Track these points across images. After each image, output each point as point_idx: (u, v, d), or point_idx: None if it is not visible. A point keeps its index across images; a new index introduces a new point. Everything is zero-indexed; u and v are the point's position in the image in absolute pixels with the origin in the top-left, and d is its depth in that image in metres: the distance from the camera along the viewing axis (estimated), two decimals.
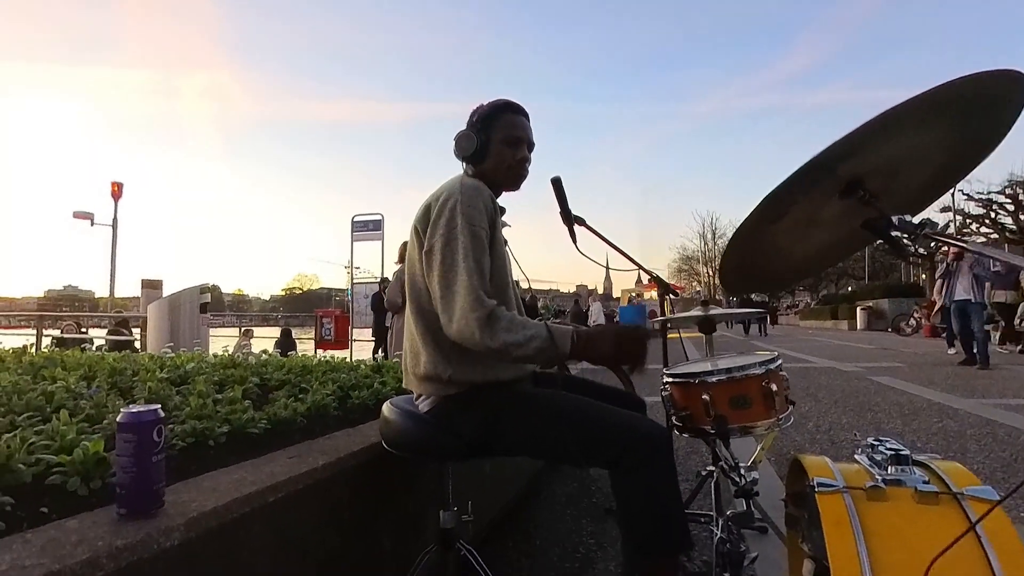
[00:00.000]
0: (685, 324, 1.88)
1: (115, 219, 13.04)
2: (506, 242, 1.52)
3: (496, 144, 1.43)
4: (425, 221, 1.31)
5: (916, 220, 0.79)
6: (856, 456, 1.12)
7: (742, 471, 1.36)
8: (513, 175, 1.47)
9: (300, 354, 8.80)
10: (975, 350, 7.62)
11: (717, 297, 59.25)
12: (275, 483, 1.15)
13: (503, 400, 1.29)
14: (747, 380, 1.29)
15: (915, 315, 16.44)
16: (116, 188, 12.86)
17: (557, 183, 1.63)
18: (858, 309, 22.21)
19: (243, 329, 11.32)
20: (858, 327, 21.87)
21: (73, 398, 1.65)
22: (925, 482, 0.96)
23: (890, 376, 6.85)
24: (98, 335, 11.38)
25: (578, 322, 12.89)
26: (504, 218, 1.51)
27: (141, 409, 0.98)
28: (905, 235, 0.77)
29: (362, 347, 10.36)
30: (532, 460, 2.66)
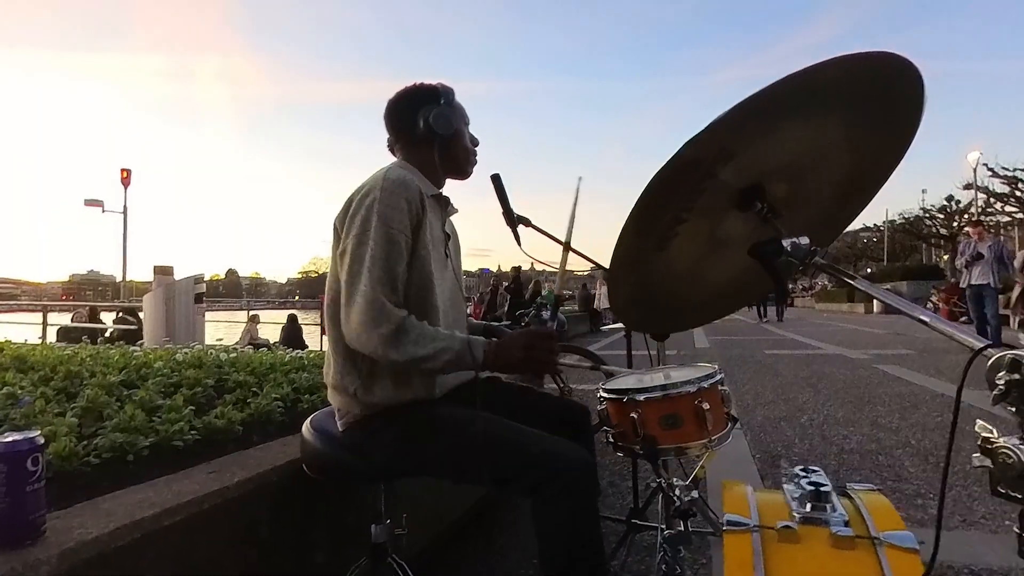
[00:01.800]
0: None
1: (125, 206, 13.17)
2: (448, 236, 1.43)
3: (459, 125, 1.36)
4: (344, 216, 1.21)
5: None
6: (784, 485, 1.05)
7: (677, 492, 1.30)
8: (471, 159, 1.42)
9: (304, 343, 8.86)
10: (988, 336, 7.43)
11: None
12: (177, 504, 1.11)
13: (414, 423, 1.22)
14: (678, 398, 1.21)
15: (932, 299, 16.06)
16: (125, 175, 12.97)
17: (496, 180, 1.54)
18: None
19: (250, 315, 11.41)
20: (874, 310, 21.42)
21: (12, 404, 1.64)
22: (845, 523, 0.89)
23: (897, 365, 6.69)
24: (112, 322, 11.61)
25: (586, 306, 12.85)
26: (457, 202, 1.43)
27: (15, 438, 0.94)
28: (795, 261, 0.69)
29: None
30: None
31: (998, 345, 0.56)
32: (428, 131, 1.30)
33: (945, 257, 29.87)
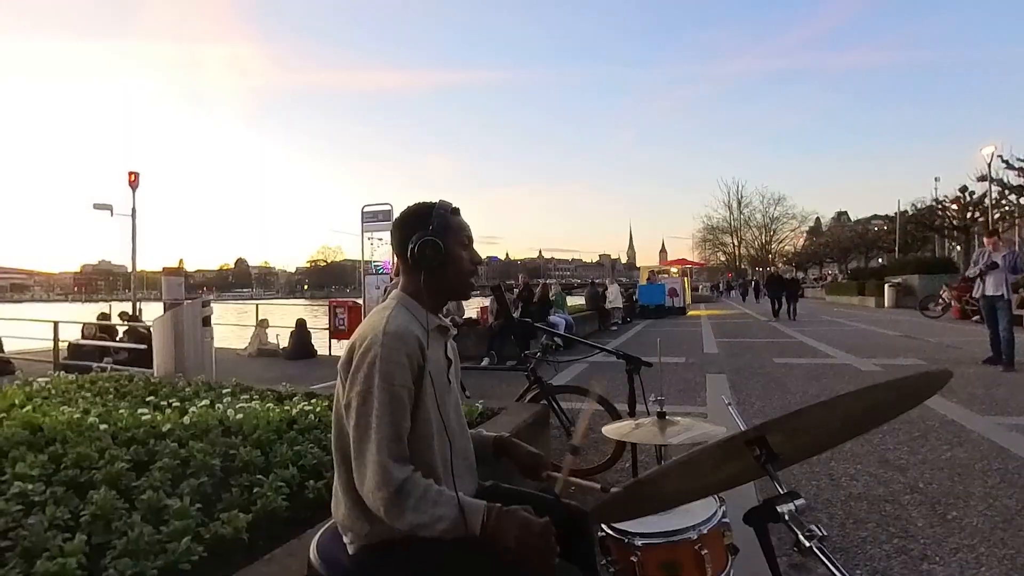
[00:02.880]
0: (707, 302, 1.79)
1: (134, 209, 13.31)
2: (451, 361, 1.43)
3: (455, 249, 1.34)
4: (347, 368, 1.24)
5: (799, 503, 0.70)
6: None
7: None
8: (469, 281, 1.40)
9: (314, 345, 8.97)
10: (1001, 349, 7.33)
11: (742, 269, 58.32)
12: None
13: (426, 553, 1.24)
14: (678, 545, 1.22)
15: (943, 295, 15.87)
16: (133, 178, 13.09)
17: (498, 290, 1.55)
18: (886, 286, 21.53)
19: (259, 320, 11.50)
20: (885, 304, 21.27)
21: (27, 511, 1.67)
22: None
23: None
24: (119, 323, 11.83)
25: (595, 306, 12.80)
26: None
27: None
28: (794, 532, 0.68)
29: None
30: None
31: None
32: (417, 261, 1.30)
33: (958, 248, 29.44)
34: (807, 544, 0.66)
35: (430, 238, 1.30)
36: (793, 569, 2.46)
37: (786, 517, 0.69)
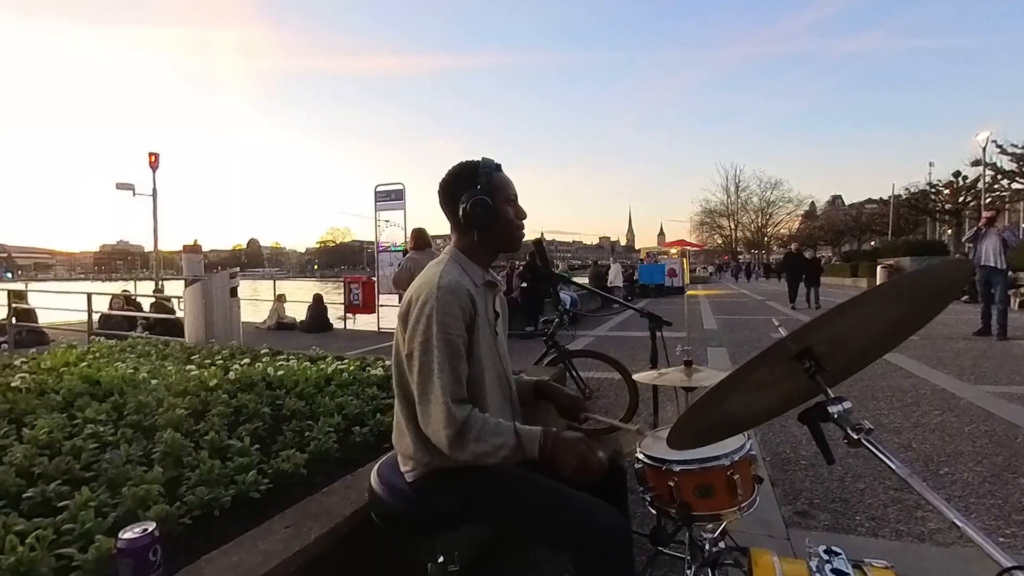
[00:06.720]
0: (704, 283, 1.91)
1: (154, 189, 13.43)
2: (498, 315, 1.54)
3: (502, 206, 1.42)
4: (406, 319, 1.35)
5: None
6: (808, 562, 1.18)
7: (706, 546, 1.44)
8: (517, 236, 1.48)
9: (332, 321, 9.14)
10: (993, 319, 7.50)
11: (738, 252, 58.51)
12: (268, 570, 1.26)
13: (479, 480, 1.36)
14: (712, 471, 1.36)
15: None
16: (153, 159, 13.14)
17: (539, 244, 1.67)
18: (878, 268, 21.73)
19: (277, 294, 11.65)
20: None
21: (101, 449, 1.80)
22: None
23: (899, 352, 6.81)
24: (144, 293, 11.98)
25: (598, 284, 12.90)
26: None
27: (136, 535, 1.07)
28: (843, 428, 0.82)
29: (387, 312, 10.63)
30: None
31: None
32: (469, 219, 1.39)
33: (949, 232, 29.65)
34: (855, 437, 0.79)
35: (480, 197, 1.38)
36: (798, 515, 2.65)
37: (835, 416, 0.82)
